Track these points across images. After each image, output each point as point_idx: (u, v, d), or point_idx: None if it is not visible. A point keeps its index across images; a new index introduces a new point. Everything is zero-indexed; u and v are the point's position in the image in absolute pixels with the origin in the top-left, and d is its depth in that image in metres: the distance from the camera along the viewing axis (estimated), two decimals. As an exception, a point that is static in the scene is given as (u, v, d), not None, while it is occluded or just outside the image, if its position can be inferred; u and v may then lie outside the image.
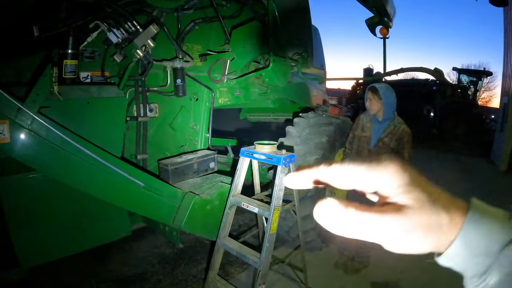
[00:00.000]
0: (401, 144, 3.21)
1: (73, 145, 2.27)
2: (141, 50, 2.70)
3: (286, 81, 4.29)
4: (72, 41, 2.43)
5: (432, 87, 12.95)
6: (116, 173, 2.46)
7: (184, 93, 3.11)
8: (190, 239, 4.14)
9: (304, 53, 4.50)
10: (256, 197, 3.04)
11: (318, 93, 5.90)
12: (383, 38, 4.57)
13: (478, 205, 0.43)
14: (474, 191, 6.80)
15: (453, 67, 15.52)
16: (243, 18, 3.76)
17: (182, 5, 3.09)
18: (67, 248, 2.63)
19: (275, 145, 2.82)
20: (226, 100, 3.87)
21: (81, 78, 2.73)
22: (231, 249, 2.79)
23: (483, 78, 15.22)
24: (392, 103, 3.21)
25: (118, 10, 2.63)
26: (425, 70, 4.58)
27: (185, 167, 3.06)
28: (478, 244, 0.40)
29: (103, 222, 2.78)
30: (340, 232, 0.42)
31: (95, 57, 2.80)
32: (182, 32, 3.22)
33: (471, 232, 0.40)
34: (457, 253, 0.41)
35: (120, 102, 2.70)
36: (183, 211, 2.75)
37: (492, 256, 0.39)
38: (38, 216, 2.45)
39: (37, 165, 2.24)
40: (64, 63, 2.42)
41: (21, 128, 2.11)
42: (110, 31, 2.63)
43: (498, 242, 0.39)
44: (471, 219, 0.41)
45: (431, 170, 8.56)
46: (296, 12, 4.56)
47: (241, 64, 3.67)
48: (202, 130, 3.58)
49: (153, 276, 3.38)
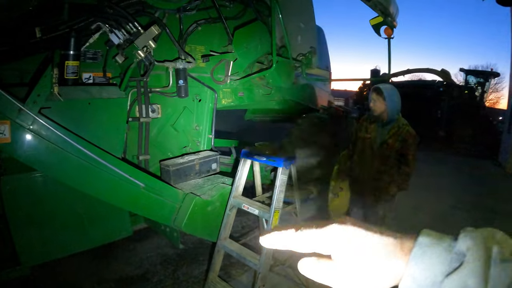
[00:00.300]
0: (405, 146, 3.17)
1: (73, 145, 2.28)
2: (143, 51, 2.70)
3: (290, 82, 4.28)
4: (74, 42, 2.43)
5: (439, 89, 12.84)
6: (116, 173, 2.47)
7: (186, 94, 3.10)
8: (193, 240, 4.14)
9: (308, 53, 4.48)
10: (257, 199, 3.03)
11: (323, 94, 5.88)
12: (388, 38, 4.53)
13: (424, 240, 0.49)
14: (482, 194, 6.73)
15: (460, 68, 15.36)
16: (246, 19, 3.75)
17: (184, 6, 3.09)
18: (68, 247, 2.64)
19: (276, 147, 2.81)
20: (229, 101, 3.86)
21: (84, 79, 2.73)
22: (231, 251, 2.78)
23: (490, 79, 15.05)
24: (397, 104, 3.18)
25: (119, 11, 2.63)
26: (432, 71, 4.54)
27: (186, 168, 3.06)
28: (423, 278, 0.46)
29: (104, 222, 2.79)
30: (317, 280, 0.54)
31: (97, 58, 2.80)
32: (185, 33, 3.22)
33: (414, 269, 0.47)
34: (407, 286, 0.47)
35: (121, 102, 2.71)
36: (183, 212, 2.74)
37: (437, 286, 0.45)
38: (39, 215, 2.47)
39: (37, 165, 2.25)
40: (66, 64, 2.43)
41: (22, 128, 2.12)
42: (111, 32, 2.63)
43: (440, 273, 0.45)
44: (414, 257, 0.47)
45: (438, 172, 8.49)
46: (300, 13, 4.54)
47: (244, 65, 3.66)
48: (205, 131, 3.58)
49: (155, 276, 3.38)
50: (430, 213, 5.47)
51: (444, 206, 5.90)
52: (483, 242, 0.46)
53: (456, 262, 0.45)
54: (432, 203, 6.00)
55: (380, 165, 3.28)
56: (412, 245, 0.49)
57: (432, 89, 12.98)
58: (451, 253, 0.46)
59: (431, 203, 5.98)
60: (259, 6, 3.93)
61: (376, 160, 3.29)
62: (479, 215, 5.58)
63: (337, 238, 0.52)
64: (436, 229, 0.51)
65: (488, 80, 14.82)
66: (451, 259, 0.46)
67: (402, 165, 3.21)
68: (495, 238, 0.46)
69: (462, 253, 0.46)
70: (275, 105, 4.64)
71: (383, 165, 3.27)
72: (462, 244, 0.46)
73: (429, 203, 5.98)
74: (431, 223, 4.98)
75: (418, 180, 7.02)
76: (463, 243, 0.46)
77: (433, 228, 0.50)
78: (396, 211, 3.48)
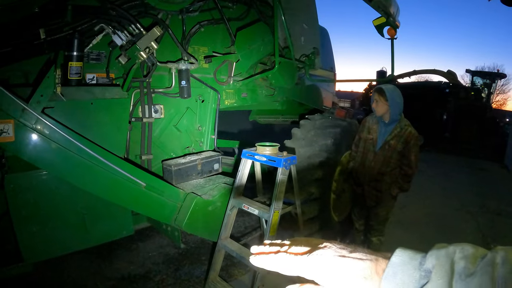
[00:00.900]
0: (407, 147, 3.18)
1: (76, 144, 2.32)
2: (145, 52, 2.73)
3: (293, 82, 4.28)
4: (77, 43, 2.46)
5: (445, 90, 12.77)
6: (118, 172, 2.50)
7: (189, 94, 3.13)
8: (194, 240, 4.17)
9: (311, 54, 4.49)
10: (257, 199, 3.05)
11: (327, 95, 5.87)
12: (391, 39, 4.52)
13: (396, 260, 0.53)
14: (487, 197, 6.69)
15: (467, 69, 15.25)
16: (249, 20, 3.77)
17: (187, 8, 3.11)
18: (70, 245, 2.67)
19: (277, 147, 2.83)
20: (232, 102, 3.88)
21: (87, 80, 2.76)
22: (231, 251, 2.80)
23: (497, 80, 14.94)
24: (399, 105, 3.18)
25: (122, 13, 2.66)
26: (438, 72, 4.52)
27: (188, 168, 3.08)
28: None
29: (106, 221, 2.81)
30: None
31: (100, 59, 2.84)
32: (188, 34, 3.24)
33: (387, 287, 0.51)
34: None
35: (123, 103, 2.74)
36: (184, 211, 2.77)
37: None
38: (42, 213, 2.50)
39: (41, 164, 2.29)
40: (69, 65, 2.46)
41: (25, 127, 2.16)
42: (114, 33, 2.66)
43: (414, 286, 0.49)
44: (386, 277, 0.52)
45: (443, 174, 8.46)
46: (303, 13, 4.55)
47: (246, 65, 3.67)
48: (207, 132, 3.61)
49: (157, 275, 3.41)
50: (435, 216, 5.45)
51: (449, 209, 5.88)
52: (447, 259, 0.49)
53: (424, 279, 0.49)
54: (437, 205, 5.98)
55: (382, 166, 3.28)
56: (385, 265, 0.53)
57: (438, 90, 12.91)
58: (420, 271, 0.50)
59: (436, 205, 5.96)
60: (262, 7, 3.94)
61: (378, 161, 3.29)
62: (483, 217, 5.55)
63: (319, 264, 0.58)
64: (440, 233, 0.56)
65: (495, 81, 14.72)
66: (420, 276, 0.49)
67: (404, 166, 3.22)
68: (462, 252, 0.49)
69: (429, 271, 0.49)
70: (278, 106, 4.65)
71: (385, 166, 3.27)
72: (429, 262, 0.50)
73: (434, 205, 5.96)
74: (436, 226, 4.96)
75: (423, 182, 7.01)
76: (430, 261, 0.50)
77: (438, 232, 0.55)
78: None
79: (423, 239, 4.37)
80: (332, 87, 6.38)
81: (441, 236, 4.42)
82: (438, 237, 4.39)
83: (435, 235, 4.50)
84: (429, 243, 0.54)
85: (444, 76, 4.50)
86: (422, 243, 4.00)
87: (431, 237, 4.43)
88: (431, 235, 4.55)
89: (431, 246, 0.54)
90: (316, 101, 5.36)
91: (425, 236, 4.49)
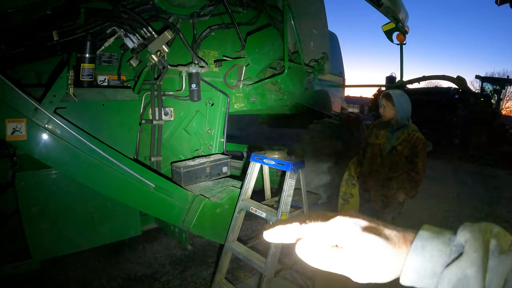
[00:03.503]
0: (415, 153, 3.16)
1: (86, 144, 2.36)
2: (156, 55, 2.76)
3: (302, 87, 4.30)
4: (90, 45, 2.51)
5: (455, 96, 12.68)
6: (128, 173, 2.53)
7: (199, 98, 3.16)
8: (201, 242, 4.18)
9: (321, 59, 4.50)
10: (265, 202, 3.06)
11: (336, 100, 5.88)
12: (400, 44, 4.52)
13: (424, 234, 0.52)
14: (496, 204, 6.62)
15: (476, 75, 15.05)
16: (259, 25, 3.80)
17: (197, 12, 3.15)
18: (78, 244, 2.71)
19: (285, 151, 2.84)
20: (242, 106, 3.91)
21: (99, 81, 2.81)
22: (238, 253, 2.81)
23: (507, 86, 14.74)
24: (406, 110, 3.17)
25: (134, 16, 2.71)
26: (448, 78, 4.50)
27: (197, 171, 3.11)
28: (423, 268, 0.49)
29: (114, 220, 2.84)
30: (317, 265, 0.54)
31: (112, 62, 2.88)
32: (198, 38, 3.28)
33: (415, 260, 0.50)
34: (408, 278, 0.50)
35: (134, 105, 2.78)
36: (192, 213, 2.79)
37: (437, 276, 0.48)
38: (51, 211, 2.54)
39: (51, 162, 2.33)
40: (82, 67, 2.50)
41: (37, 127, 2.20)
42: (126, 36, 2.71)
43: (440, 264, 0.48)
44: (414, 249, 0.50)
45: (452, 181, 8.38)
46: (312, 19, 4.57)
47: (256, 70, 3.70)
48: (217, 135, 3.64)
49: (163, 276, 3.43)
50: (443, 222, 5.41)
51: (458, 215, 5.82)
52: (480, 235, 0.48)
53: (455, 254, 0.48)
54: (445, 211, 5.93)
55: (389, 171, 3.27)
56: (413, 238, 0.52)
57: (448, 96, 12.81)
58: (450, 245, 0.49)
59: (444, 211, 5.92)
60: (272, 12, 3.97)
61: (385, 166, 3.28)
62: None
63: (343, 228, 0.54)
64: None
65: (505, 87, 14.53)
66: (450, 251, 0.49)
67: (411, 171, 3.20)
68: (493, 232, 0.49)
69: (461, 246, 0.48)
70: (287, 110, 4.67)
71: (392, 171, 3.26)
72: (461, 237, 0.49)
73: (442, 211, 5.91)
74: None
75: (431, 188, 6.96)
76: (461, 236, 0.49)
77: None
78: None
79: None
80: (341, 92, 6.38)
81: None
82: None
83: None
84: None
85: (453, 82, 4.48)
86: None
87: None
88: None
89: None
90: (325, 106, 5.37)
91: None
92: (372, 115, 15.99)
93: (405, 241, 0.52)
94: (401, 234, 0.53)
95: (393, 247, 0.52)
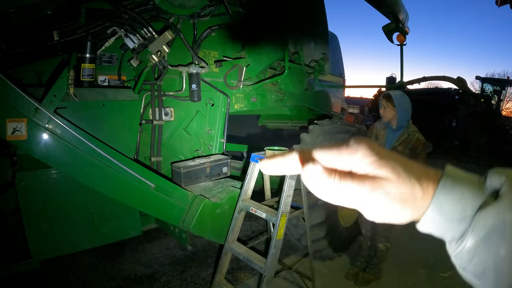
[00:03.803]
0: (415, 153, 3.16)
1: (87, 144, 2.36)
2: (156, 55, 2.77)
3: (302, 88, 4.30)
4: (90, 46, 2.51)
5: (455, 97, 12.67)
6: (128, 173, 2.53)
7: (199, 98, 3.16)
8: (201, 243, 4.18)
9: (321, 60, 4.51)
10: (265, 203, 3.06)
11: (336, 101, 5.88)
12: (400, 45, 4.53)
13: (452, 172, 0.44)
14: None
15: (476, 76, 15.10)
16: (259, 25, 3.79)
17: (198, 12, 3.15)
18: (78, 244, 2.71)
19: (285, 151, 2.84)
20: (242, 106, 3.91)
21: (99, 81, 2.81)
22: (238, 253, 2.81)
23: (507, 87, 14.72)
24: (407, 111, 3.17)
25: (134, 17, 2.71)
26: (448, 79, 4.51)
27: (197, 171, 3.11)
28: (451, 210, 0.41)
29: (114, 220, 2.84)
30: (324, 197, 0.45)
31: (112, 62, 2.88)
32: (199, 38, 3.28)
33: (443, 199, 0.42)
34: (431, 220, 0.43)
35: (134, 105, 2.78)
36: (192, 213, 2.79)
37: (467, 220, 0.40)
38: (51, 211, 2.55)
39: (52, 162, 2.33)
40: (82, 67, 2.51)
41: (38, 126, 2.21)
42: (127, 37, 2.71)
43: (471, 207, 0.40)
44: (443, 187, 0.42)
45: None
46: (313, 20, 4.57)
47: (256, 70, 3.70)
48: (217, 135, 3.64)
49: (163, 276, 3.43)
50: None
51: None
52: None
53: (489, 197, 0.41)
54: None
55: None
56: (437, 175, 0.44)
57: (448, 97, 12.80)
58: (482, 188, 0.42)
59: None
60: (273, 13, 3.97)
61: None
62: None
63: (359, 152, 0.45)
64: None
65: (505, 88, 14.53)
66: (483, 193, 0.41)
67: (412, 172, 3.20)
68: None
69: (495, 188, 0.42)
70: (288, 111, 4.67)
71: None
72: (494, 180, 0.42)
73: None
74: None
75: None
76: (495, 178, 0.42)
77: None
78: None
79: (431, 246, 4.33)
80: (341, 93, 6.38)
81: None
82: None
83: (443, 243, 4.44)
84: (438, 251, 0.51)
85: (453, 83, 4.49)
86: (430, 251, 3.98)
87: (440, 245, 4.37)
88: (439, 242, 4.49)
89: (439, 253, 0.48)
90: (325, 106, 5.37)
91: (433, 244, 4.43)
92: (372, 115, 15.98)
93: (429, 178, 0.44)
94: (424, 169, 0.45)
95: (418, 181, 0.43)
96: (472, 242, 0.40)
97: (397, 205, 0.43)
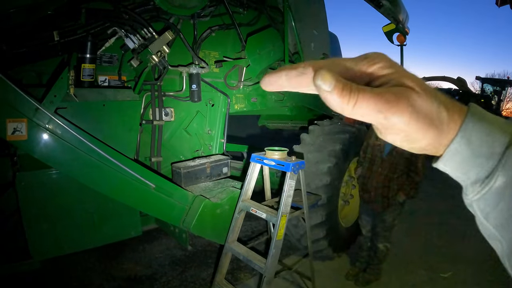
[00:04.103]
0: (415, 154, 3.16)
1: (87, 144, 2.36)
2: (157, 55, 2.76)
3: (302, 88, 4.30)
4: (91, 46, 2.52)
5: (455, 97, 12.59)
6: (128, 173, 2.53)
7: (199, 98, 3.16)
8: (202, 243, 4.18)
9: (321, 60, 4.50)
10: (265, 203, 3.06)
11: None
12: (400, 45, 4.53)
13: (478, 108, 0.39)
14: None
15: (477, 76, 15.12)
16: (259, 25, 3.80)
17: (198, 13, 3.15)
18: (78, 244, 2.71)
19: (285, 152, 2.84)
20: (242, 106, 3.91)
21: (100, 82, 2.82)
22: (238, 254, 2.81)
23: (507, 87, 14.74)
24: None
25: (135, 17, 2.71)
26: (448, 79, 4.54)
27: (197, 171, 3.11)
28: (480, 143, 0.37)
29: (114, 221, 2.84)
30: (341, 107, 0.37)
31: (113, 62, 2.88)
32: (199, 39, 3.28)
33: (472, 130, 0.37)
34: (456, 153, 0.38)
35: (134, 105, 2.78)
36: (192, 213, 2.79)
37: (496, 157, 0.36)
38: (52, 211, 2.54)
39: (52, 163, 2.34)
40: (82, 67, 2.51)
41: (38, 127, 2.21)
42: (127, 37, 2.71)
43: (500, 143, 0.36)
44: (471, 117, 0.37)
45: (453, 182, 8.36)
46: (313, 20, 4.57)
47: (256, 70, 3.70)
48: (217, 136, 3.64)
49: (163, 277, 3.44)
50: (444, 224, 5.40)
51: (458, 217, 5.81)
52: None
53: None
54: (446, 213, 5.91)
55: (389, 172, 3.28)
56: (465, 108, 0.39)
57: (448, 97, 12.81)
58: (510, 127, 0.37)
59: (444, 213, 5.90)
60: (273, 13, 3.97)
61: (385, 167, 3.29)
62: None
63: (381, 64, 0.39)
64: (449, 241, 0.45)
65: (505, 88, 14.54)
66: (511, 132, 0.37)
67: (411, 172, 3.21)
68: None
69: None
70: (288, 111, 4.67)
71: (392, 172, 3.27)
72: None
73: (442, 213, 5.89)
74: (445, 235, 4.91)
75: (431, 189, 6.96)
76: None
77: (447, 241, 0.40)
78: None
79: (431, 247, 4.33)
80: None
81: (450, 245, 4.37)
82: (447, 246, 4.35)
83: (444, 244, 4.45)
84: (438, 252, 0.51)
85: (453, 83, 4.51)
86: (430, 251, 3.98)
87: (441, 246, 4.39)
88: (440, 243, 4.50)
89: (440, 255, 0.44)
90: (325, 106, 5.34)
91: (434, 244, 4.45)
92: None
93: (454, 106, 0.38)
94: (448, 98, 0.39)
95: (444, 106, 0.38)
96: (502, 181, 0.36)
97: (421, 123, 0.36)
